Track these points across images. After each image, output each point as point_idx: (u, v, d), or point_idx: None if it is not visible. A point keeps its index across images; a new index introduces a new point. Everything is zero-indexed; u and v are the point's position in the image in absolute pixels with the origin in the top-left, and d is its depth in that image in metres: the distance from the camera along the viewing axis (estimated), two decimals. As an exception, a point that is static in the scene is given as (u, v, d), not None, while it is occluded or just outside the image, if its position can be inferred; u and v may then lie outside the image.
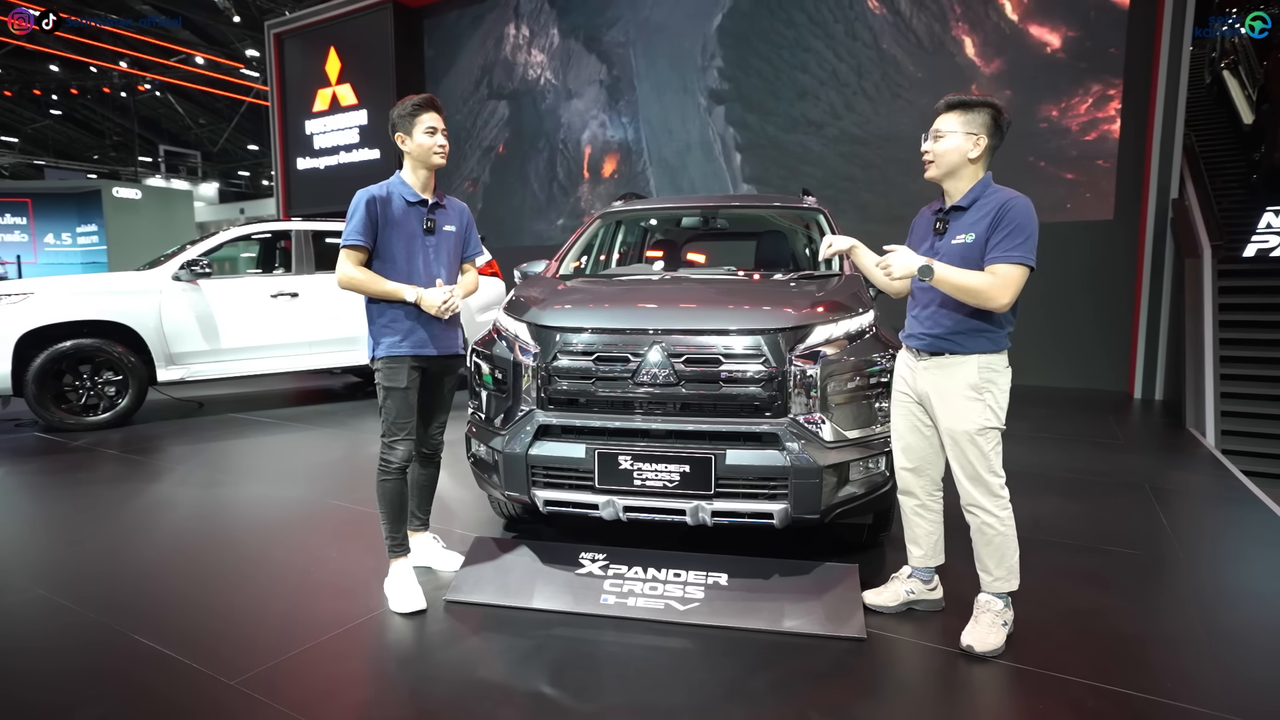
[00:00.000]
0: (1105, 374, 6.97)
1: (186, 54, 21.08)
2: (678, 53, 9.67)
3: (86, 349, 5.21)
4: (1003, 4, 7.42)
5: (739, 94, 9.21)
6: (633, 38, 9.98)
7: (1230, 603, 2.63)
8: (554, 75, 10.65)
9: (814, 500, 2.36)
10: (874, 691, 2.03)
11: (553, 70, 10.65)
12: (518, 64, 10.84)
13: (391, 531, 2.54)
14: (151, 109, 25.84)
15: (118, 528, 3.33)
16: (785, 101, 8.80)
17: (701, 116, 9.47)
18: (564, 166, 10.68)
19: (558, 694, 1.96)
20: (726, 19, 9.29)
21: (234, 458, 4.71)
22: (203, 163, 27.12)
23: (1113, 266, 6.84)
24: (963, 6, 7.69)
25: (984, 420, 2.13)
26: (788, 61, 8.86)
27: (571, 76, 10.49)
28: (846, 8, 8.42)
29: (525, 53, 10.81)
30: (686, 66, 9.61)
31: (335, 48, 11.67)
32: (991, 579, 2.22)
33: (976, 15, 7.60)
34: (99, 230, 18.87)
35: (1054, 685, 2.01)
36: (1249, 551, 3.14)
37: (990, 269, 2.06)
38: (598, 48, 10.27)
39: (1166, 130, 6.45)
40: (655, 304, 2.73)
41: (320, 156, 12.11)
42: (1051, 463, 4.40)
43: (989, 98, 2.18)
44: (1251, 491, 3.85)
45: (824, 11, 8.61)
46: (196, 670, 2.06)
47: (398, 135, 2.51)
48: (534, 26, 10.72)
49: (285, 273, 6.29)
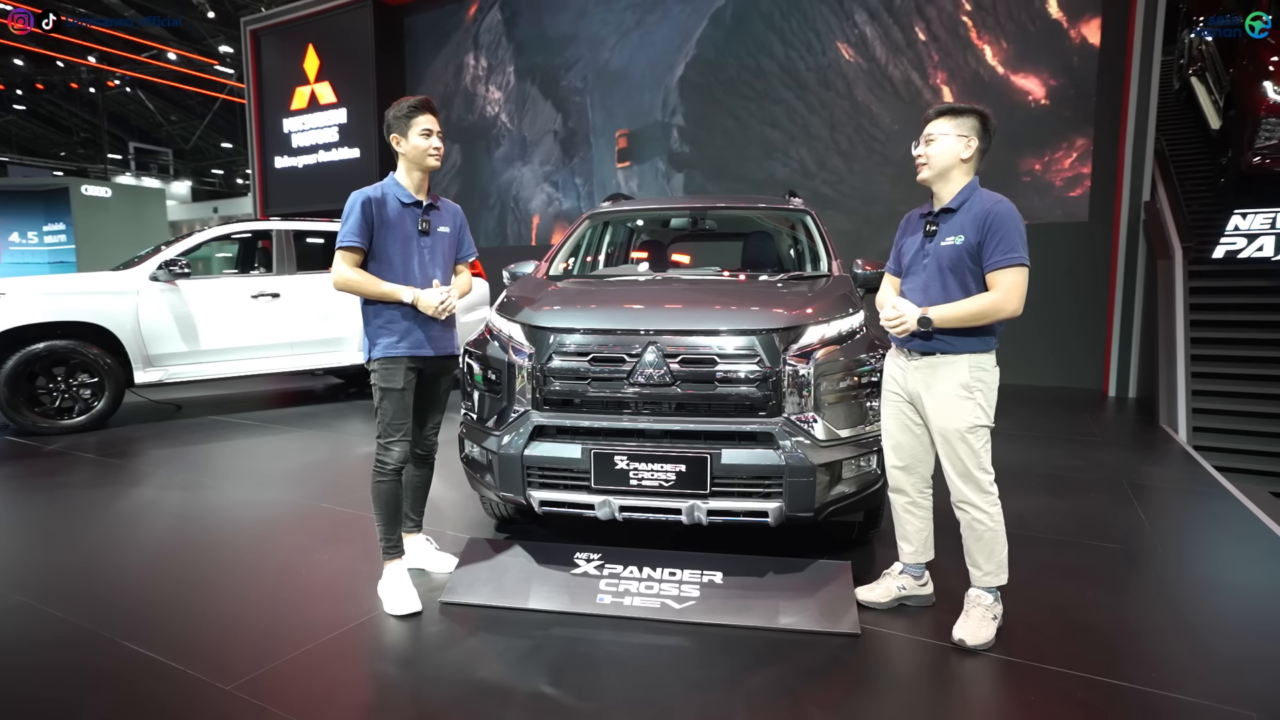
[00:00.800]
0: (1080, 372, 7.13)
1: (158, 49, 20.66)
2: (637, 107, 9.26)
3: (60, 351, 5.09)
4: (983, 49, 7.35)
5: (701, 157, 8.80)
6: (590, 84, 9.62)
7: (1207, 594, 2.72)
8: (509, 119, 10.33)
9: (808, 498, 2.39)
10: (870, 686, 2.06)
11: (508, 113, 10.33)
12: (477, 96, 10.55)
13: (386, 533, 2.53)
14: (121, 105, 25.27)
15: (100, 532, 3.27)
16: (751, 160, 8.46)
17: (659, 184, 9.12)
18: (514, 230, 10.38)
19: (559, 694, 1.96)
20: (690, 68, 8.80)
21: (216, 461, 4.64)
22: (174, 160, 26.59)
23: (1087, 268, 7.00)
24: (941, 53, 7.52)
25: (974, 419, 2.18)
26: (755, 115, 8.46)
27: (527, 123, 10.16)
28: (819, 54, 8.09)
29: (484, 85, 10.49)
30: (647, 125, 9.18)
31: (314, 45, 11.52)
32: (981, 574, 2.27)
33: (955, 62, 7.44)
34: (67, 229, 18.39)
35: (1044, 677, 2.05)
36: (1223, 544, 3.24)
37: (991, 279, 2.12)
38: (555, 93, 9.92)
39: (1139, 135, 6.61)
40: (650, 304, 2.75)
41: (298, 155, 11.95)
42: (1033, 460, 4.49)
43: (976, 104, 2.24)
44: (1223, 486, 3.97)
45: (795, 60, 8.24)
46: (190, 676, 2.04)
47: (393, 136, 2.50)
48: (492, 60, 10.38)
49: (265, 273, 6.20)
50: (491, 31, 10.39)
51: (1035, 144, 7.13)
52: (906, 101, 7.72)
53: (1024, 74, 7.18)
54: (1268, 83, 5.91)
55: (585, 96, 9.72)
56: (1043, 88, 7.09)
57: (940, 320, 2.12)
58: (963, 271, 2.16)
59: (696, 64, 8.81)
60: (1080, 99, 6.94)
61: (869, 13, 7.85)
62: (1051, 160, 7.10)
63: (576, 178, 9.90)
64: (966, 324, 2.12)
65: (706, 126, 8.89)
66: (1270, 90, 5.87)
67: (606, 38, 9.47)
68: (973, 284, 2.16)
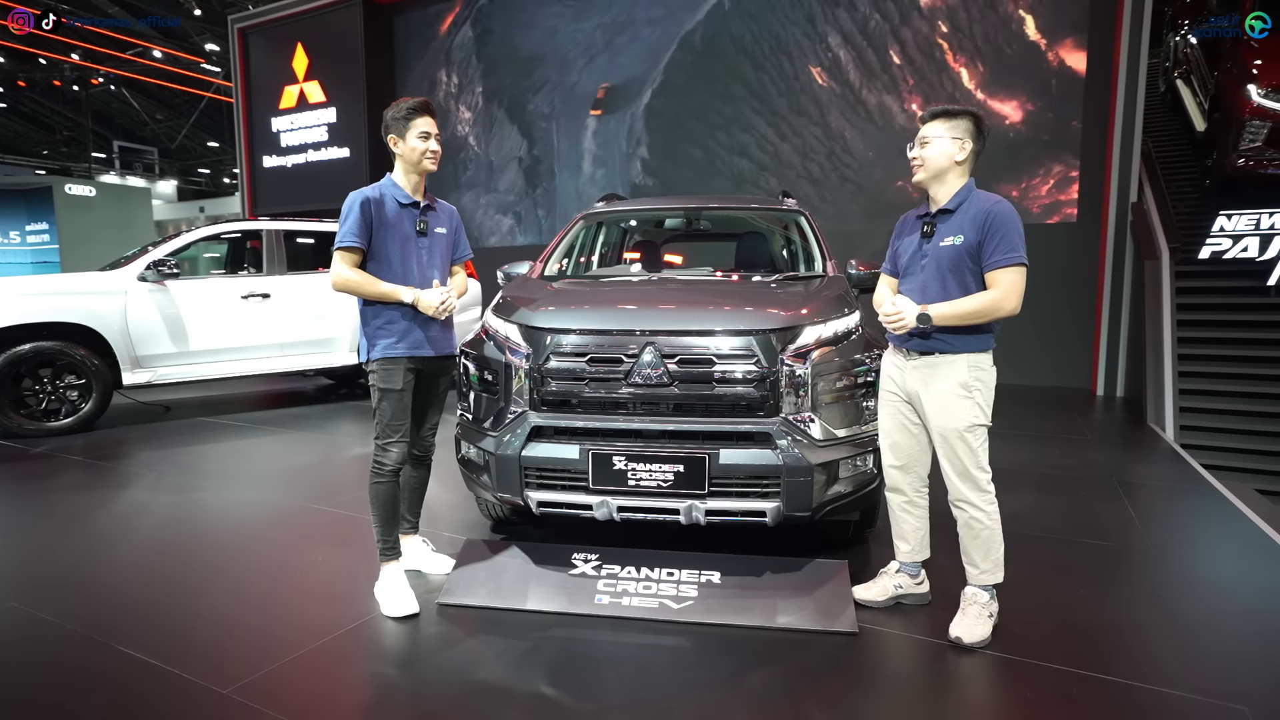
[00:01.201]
0: (1069, 371, 7.20)
1: (144, 47, 20.44)
2: (604, 134, 9.13)
3: (47, 352, 5.03)
4: (959, 72, 7.30)
5: (665, 190, 8.67)
6: (557, 109, 9.50)
7: (1197, 590, 2.75)
8: (477, 142, 10.24)
9: (805, 498, 2.40)
10: (869, 684, 2.08)
11: (475, 136, 10.24)
12: (449, 111, 10.45)
13: (383, 535, 2.51)
14: (105, 103, 24.96)
15: (90, 536, 3.23)
16: (718, 192, 8.30)
17: None
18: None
19: (558, 694, 1.96)
20: (656, 96, 8.62)
21: (207, 462, 4.60)
22: (160, 159, 26.28)
23: (1076, 268, 7.06)
24: (916, 77, 7.44)
25: (973, 418, 2.20)
26: (723, 144, 8.31)
27: (494, 147, 10.06)
28: (790, 78, 7.94)
29: (455, 104, 10.41)
30: (610, 153, 9.03)
31: (302, 44, 11.44)
32: (978, 572, 2.29)
33: (931, 86, 7.37)
34: (50, 229, 18.17)
35: (1039, 674, 2.07)
36: (1212, 541, 3.28)
37: (991, 278, 2.14)
38: (521, 118, 9.81)
39: (1126, 136, 6.68)
40: (648, 305, 2.75)
41: (287, 155, 11.86)
42: (1024, 458, 4.53)
43: (969, 107, 2.26)
44: (1211, 484, 4.02)
45: (766, 84, 8.09)
46: (186, 680, 2.02)
47: (390, 137, 2.49)
48: (463, 78, 10.27)
49: (255, 273, 6.15)
50: (463, 49, 10.27)
51: (1013, 172, 7.15)
52: (880, 127, 7.64)
53: (1001, 97, 7.16)
54: (1251, 86, 5.99)
55: (551, 123, 9.60)
56: (1020, 111, 7.08)
57: (939, 318, 2.14)
58: (962, 271, 2.18)
59: (664, 90, 8.64)
60: (1058, 122, 6.96)
61: (842, 35, 7.78)
62: (1029, 187, 7.12)
63: (539, 209, 9.77)
64: (965, 322, 2.14)
65: (672, 157, 8.77)
66: (1254, 93, 5.95)
67: (575, 60, 9.32)
68: (972, 283, 2.18)
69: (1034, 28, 7.06)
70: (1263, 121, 5.89)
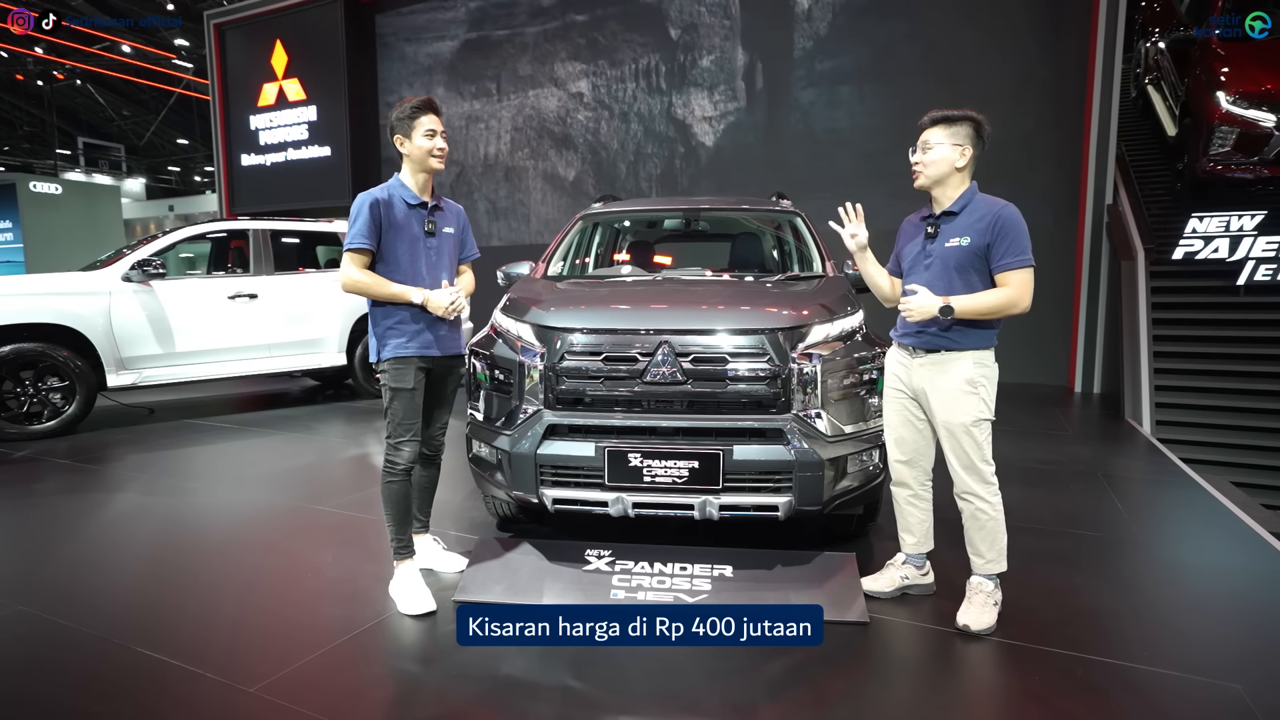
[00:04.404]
0: (1047, 369, 7.39)
1: (111, 41, 19.96)
2: None
3: (29, 354, 4.92)
4: (934, 79, 7.41)
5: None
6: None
7: (1183, 576, 2.87)
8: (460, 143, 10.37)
9: (817, 492, 2.46)
10: (882, 671, 2.15)
11: None
12: None
13: (397, 534, 2.52)
14: (69, 99, 24.32)
15: (88, 540, 3.19)
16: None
17: None
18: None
19: (585, 686, 2.00)
20: None
21: (197, 464, 4.54)
22: (127, 157, 25.66)
23: (1053, 268, 7.24)
24: (893, 83, 7.63)
25: (978, 412, 2.28)
26: None
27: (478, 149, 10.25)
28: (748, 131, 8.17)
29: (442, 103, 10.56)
30: None
31: (281, 40, 11.27)
32: (984, 561, 2.37)
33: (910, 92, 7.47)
34: (14, 228, 17.66)
35: (1044, 658, 2.16)
36: (1194, 530, 3.43)
37: (1002, 278, 2.22)
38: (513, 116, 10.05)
39: (1101, 141, 6.88)
40: (662, 304, 2.79)
41: (266, 153, 11.68)
42: (1010, 454, 4.64)
43: (969, 111, 2.32)
44: (1189, 476, 4.17)
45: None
46: (210, 679, 2.02)
47: (396, 138, 2.50)
48: (447, 79, 10.36)
49: (242, 273, 6.08)
50: (446, 50, 10.31)
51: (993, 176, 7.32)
52: (858, 132, 7.86)
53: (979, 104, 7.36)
54: (1220, 93, 6.20)
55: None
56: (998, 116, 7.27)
57: (961, 310, 2.20)
58: (969, 271, 2.25)
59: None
60: (1037, 127, 7.17)
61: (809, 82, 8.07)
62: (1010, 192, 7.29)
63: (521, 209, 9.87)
64: (982, 316, 2.22)
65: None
66: (1223, 100, 6.16)
67: None
68: (978, 283, 2.25)
69: (1012, 34, 7.24)
70: (1231, 127, 6.10)
